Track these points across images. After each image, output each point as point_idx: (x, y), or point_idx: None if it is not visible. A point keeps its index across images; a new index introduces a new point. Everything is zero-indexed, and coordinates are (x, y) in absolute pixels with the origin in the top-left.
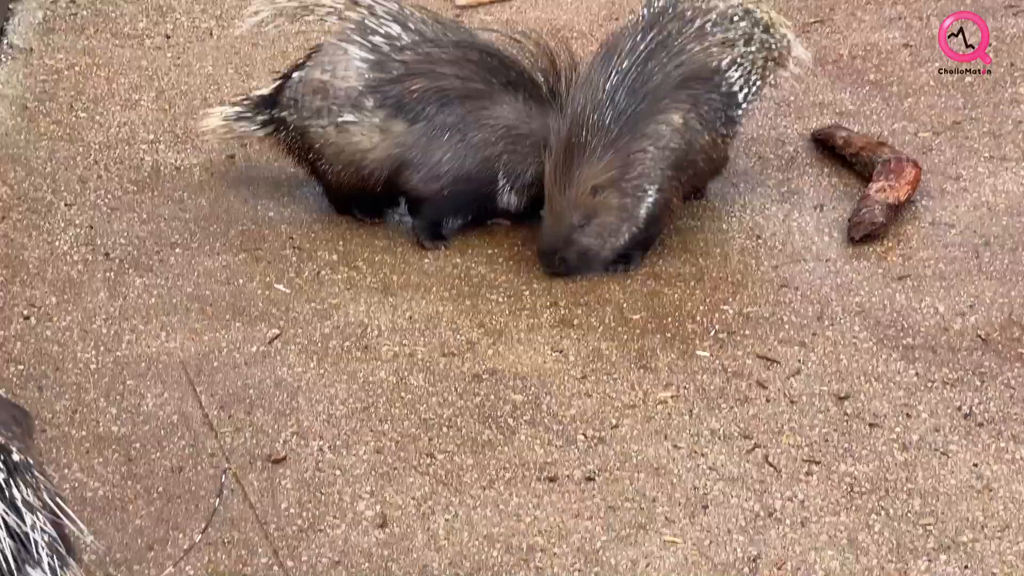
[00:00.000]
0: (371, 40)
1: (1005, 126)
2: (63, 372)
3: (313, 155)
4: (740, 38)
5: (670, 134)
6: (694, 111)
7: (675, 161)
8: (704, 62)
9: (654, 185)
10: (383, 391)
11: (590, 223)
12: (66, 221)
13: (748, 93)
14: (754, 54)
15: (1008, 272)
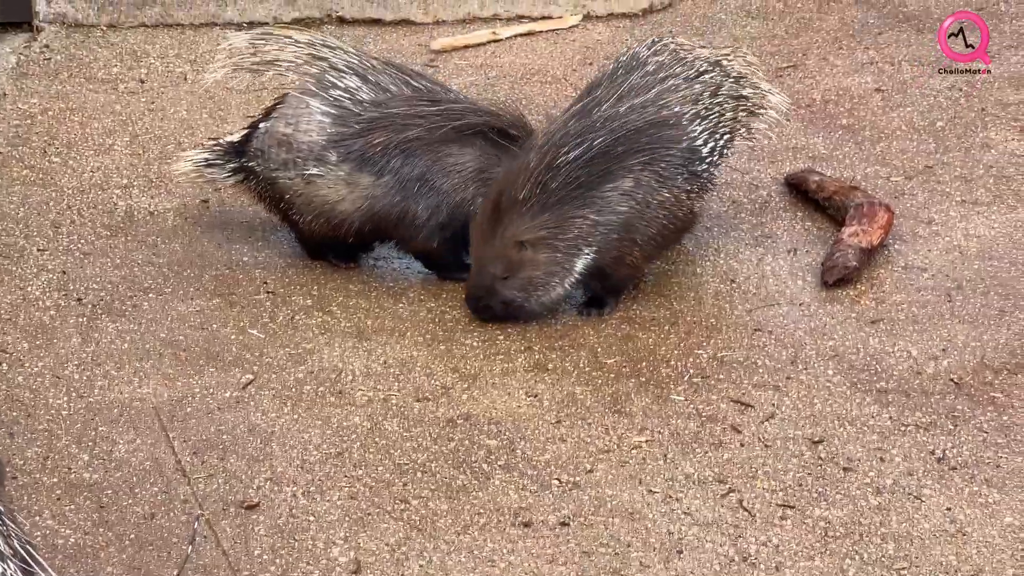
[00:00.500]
0: (331, 94)
1: (976, 170)
2: (34, 418)
3: (284, 204)
4: (706, 91)
5: (617, 199)
6: (648, 170)
7: (624, 224)
8: (662, 119)
9: (592, 247)
10: (357, 436)
11: (513, 276)
12: (38, 266)
13: (716, 147)
14: (721, 106)
15: (980, 316)
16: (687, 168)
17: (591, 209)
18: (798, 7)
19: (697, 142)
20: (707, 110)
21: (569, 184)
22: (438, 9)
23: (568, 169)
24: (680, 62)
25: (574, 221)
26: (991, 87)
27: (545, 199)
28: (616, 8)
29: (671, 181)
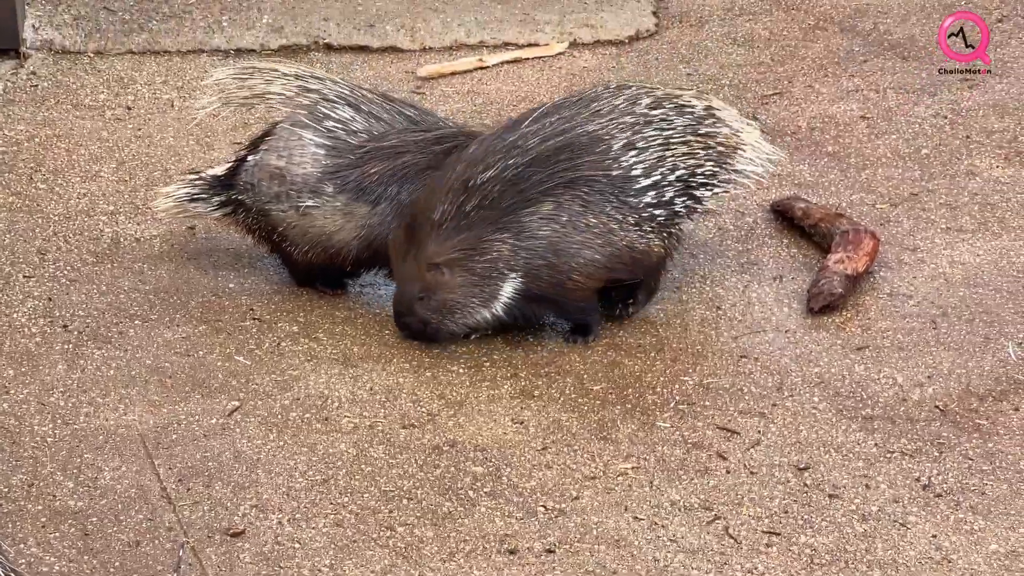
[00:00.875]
0: (325, 125)
1: (961, 197)
2: (20, 445)
3: (277, 236)
4: (646, 122)
5: (538, 223)
6: (570, 193)
7: (549, 248)
8: (581, 143)
9: (517, 271)
10: (343, 463)
11: (430, 297)
12: (24, 293)
13: (665, 183)
14: (669, 140)
15: (965, 343)
16: (617, 197)
17: (510, 233)
18: (783, 35)
19: (632, 172)
20: (646, 141)
21: (484, 206)
22: (425, 36)
23: (484, 190)
24: (629, 99)
25: (491, 244)
26: (976, 114)
27: (459, 221)
28: (602, 36)
29: (597, 207)
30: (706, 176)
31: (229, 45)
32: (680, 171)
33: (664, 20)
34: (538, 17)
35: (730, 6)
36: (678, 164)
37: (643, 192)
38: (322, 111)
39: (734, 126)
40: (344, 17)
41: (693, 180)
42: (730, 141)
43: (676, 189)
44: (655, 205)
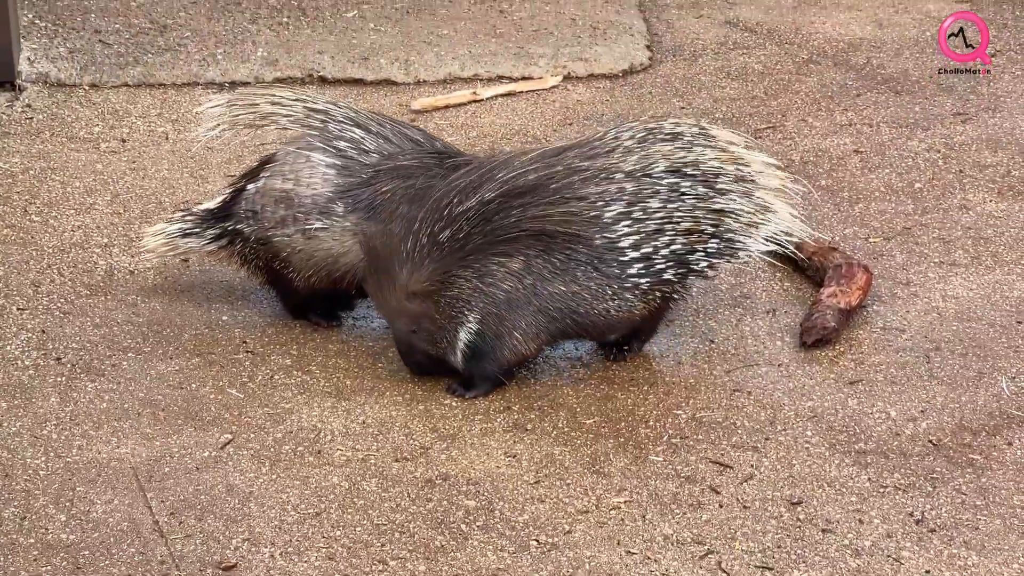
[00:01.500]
0: (335, 146)
1: (954, 232)
2: (12, 478)
3: (279, 263)
4: (650, 192)
5: (502, 275)
6: (543, 258)
7: (507, 303)
8: (576, 209)
9: (475, 315)
10: (336, 496)
11: (420, 330)
12: (18, 325)
13: (657, 256)
14: (674, 215)
15: (958, 377)
16: (596, 268)
17: (474, 272)
18: (777, 69)
19: (620, 243)
20: (646, 212)
21: (459, 239)
22: (419, 69)
23: (465, 224)
24: (643, 162)
25: (456, 279)
26: (969, 149)
27: (435, 251)
28: (596, 69)
29: (568, 275)
30: (708, 253)
31: (224, 78)
32: (677, 246)
33: (658, 54)
34: (532, 51)
35: (724, 40)
36: (677, 239)
37: (628, 264)
38: (333, 131)
39: (761, 201)
40: (338, 50)
41: (691, 256)
42: (751, 219)
43: (668, 262)
44: (640, 275)
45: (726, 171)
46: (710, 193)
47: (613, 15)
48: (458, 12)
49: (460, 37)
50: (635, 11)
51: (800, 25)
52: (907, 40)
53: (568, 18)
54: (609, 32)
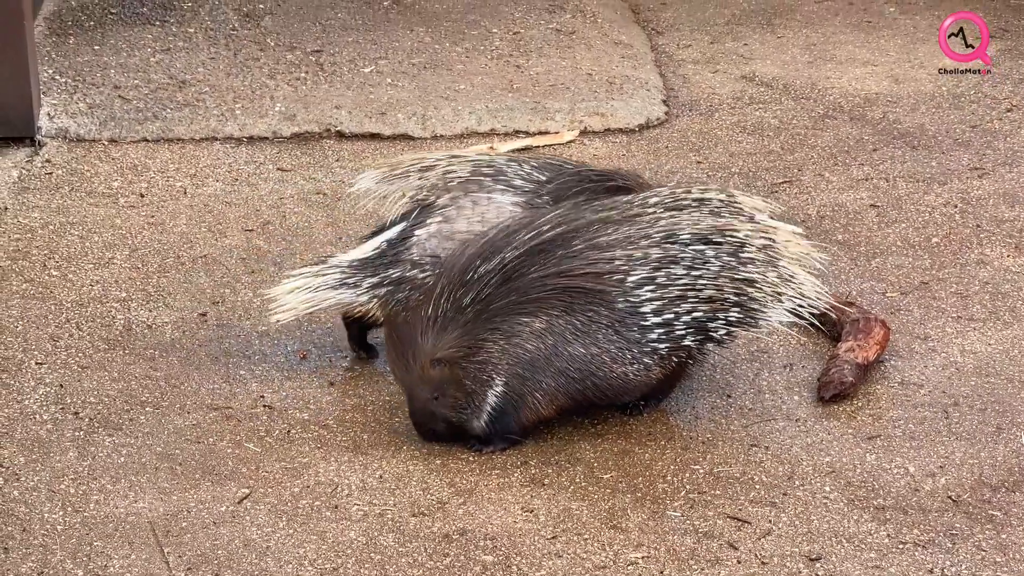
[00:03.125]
0: (515, 184)
1: (972, 286)
2: (30, 533)
3: None
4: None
5: (526, 335)
6: (565, 318)
7: (530, 363)
8: (601, 272)
9: (502, 377)
10: (353, 551)
11: (443, 396)
12: (36, 380)
13: (680, 323)
14: (697, 282)
15: (977, 433)
16: (617, 332)
17: (500, 334)
18: (793, 123)
19: (642, 308)
20: (669, 278)
21: (482, 300)
22: (436, 124)
23: (487, 285)
24: (668, 230)
25: (483, 343)
26: (986, 203)
27: (459, 316)
28: (612, 124)
29: (589, 338)
30: (728, 322)
31: (242, 133)
32: (698, 313)
33: (674, 108)
34: (549, 105)
35: (740, 95)
36: (699, 307)
37: (649, 329)
38: (508, 172)
39: (786, 272)
40: (356, 105)
41: (711, 323)
42: (775, 290)
43: (688, 328)
44: (660, 340)
45: (752, 240)
46: (734, 262)
47: (629, 70)
48: (475, 67)
49: (477, 92)
50: (651, 66)
51: (816, 80)
52: (923, 95)
53: (584, 73)
54: (625, 87)
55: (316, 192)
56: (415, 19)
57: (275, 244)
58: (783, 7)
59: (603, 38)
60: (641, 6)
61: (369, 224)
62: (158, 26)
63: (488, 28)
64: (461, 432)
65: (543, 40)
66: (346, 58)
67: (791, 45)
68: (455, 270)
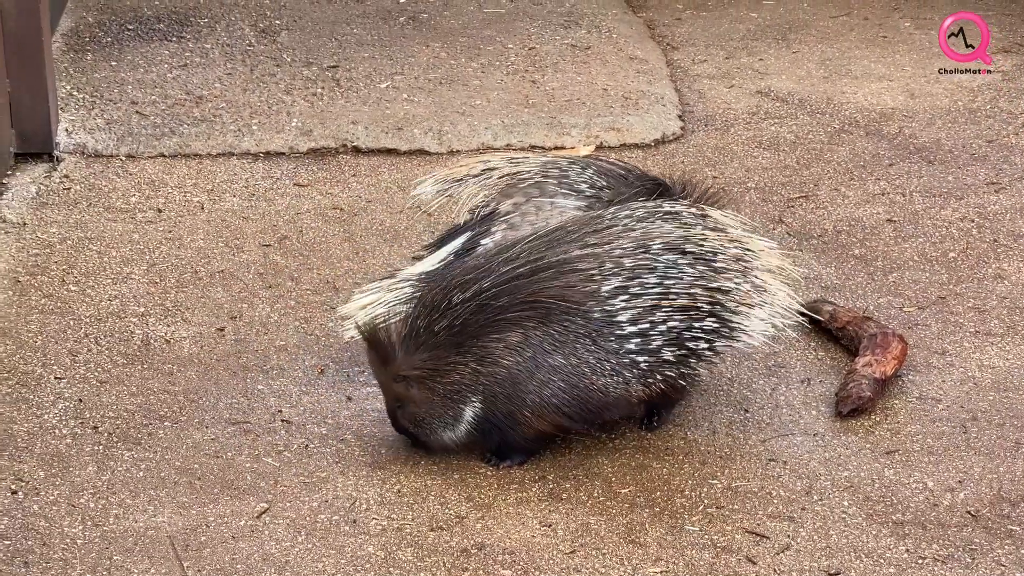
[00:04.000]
0: (577, 188)
1: (990, 301)
2: (50, 547)
3: None
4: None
5: (501, 351)
6: (541, 329)
7: (511, 379)
8: (573, 282)
9: (477, 396)
10: (371, 566)
11: (403, 408)
12: (55, 394)
13: (655, 335)
14: (670, 291)
15: (996, 447)
16: (594, 341)
17: (472, 357)
18: (809, 138)
19: (617, 317)
20: (643, 287)
21: (455, 326)
22: (452, 140)
23: (455, 312)
24: (640, 241)
25: (453, 365)
26: (1003, 218)
27: (428, 339)
28: (628, 139)
29: (568, 348)
30: (705, 331)
31: (259, 148)
32: (673, 323)
33: (690, 123)
34: (564, 120)
35: (755, 110)
36: (673, 316)
37: (626, 339)
38: (571, 175)
39: (759, 280)
40: (372, 120)
41: (688, 333)
42: (746, 299)
43: (666, 339)
44: (638, 352)
45: (724, 250)
46: (707, 271)
47: (645, 85)
48: (491, 83)
49: (493, 107)
50: (666, 81)
51: (831, 95)
52: (939, 110)
53: (600, 88)
54: (641, 102)
55: (333, 207)
56: (431, 35)
57: (292, 259)
58: (798, 22)
59: (618, 53)
60: (656, 21)
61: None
62: (175, 42)
63: (504, 44)
64: (418, 443)
65: (559, 55)
66: (362, 73)
67: (806, 60)
68: (436, 293)
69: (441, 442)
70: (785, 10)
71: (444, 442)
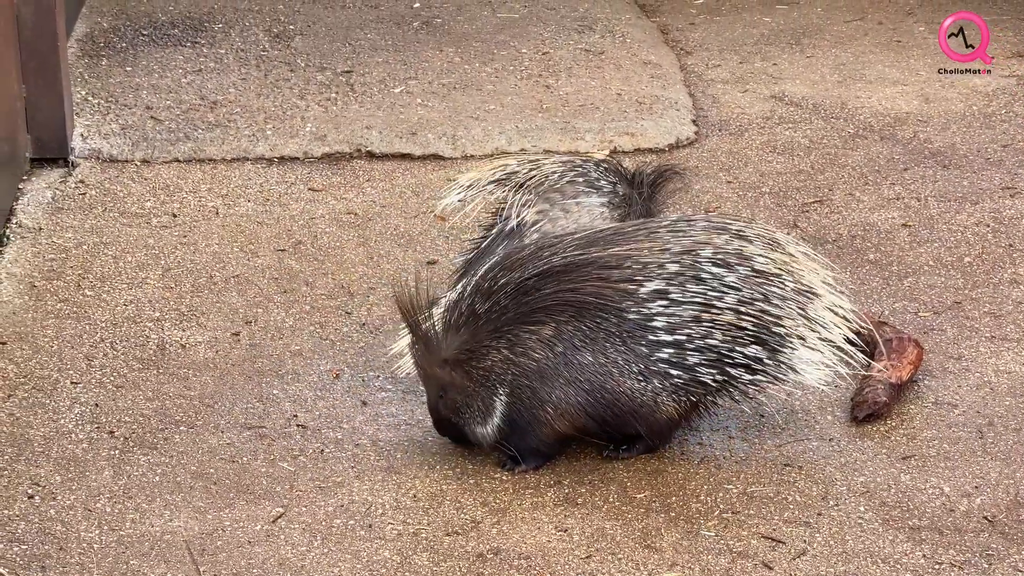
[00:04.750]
0: (598, 185)
1: (1005, 306)
2: (67, 552)
3: None
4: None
5: (533, 343)
6: (573, 323)
7: (539, 373)
8: (612, 281)
9: (505, 387)
10: (387, 571)
11: (446, 396)
12: (72, 399)
13: (691, 348)
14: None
15: (1012, 453)
16: (625, 342)
17: (505, 342)
18: (823, 143)
19: (653, 322)
20: (684, 294)
21: (495, 310)
22: (466, 144)
23: (497, 295)
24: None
25: (487, 350)
26: (1018, 223)
27: (471, 322)
28: (643, 144)
29: (598, 346)
30: (748, 357)
31: (273, 153)
32: (714, 340)
33: (704, 128)
34: (578, 125)
35: (769, 115)
36: (714, 331)
37: (658, 346)
38: (591, 173)
39: (817, 317)
40: (386, 125)
41: (729, 357)
42: (793, 330)
43: (704, 357)
44: (671, 364)
45: (784, 279)
46: (759, 292)
47: (659, 90)
48: (504, 88)
49: (507, 112)
50: (680, 86)
51: (846, 100)
52: (954, 114)
53: (614, 93)
54: (655, 107)
55: (347, 212)
56: (444, 40)
57: (307, 264)
58: (812, 27)
59: (632, 58)
60: (670, 26)
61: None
62: (189, 47)
63: (517, 48)
64: (459, 437)
65: (572, 60)
66: (376, 78)
67: (820, 64)
68: (480, 278)
69: (476, 437)
70: (799, 15)
71: (478, 437)
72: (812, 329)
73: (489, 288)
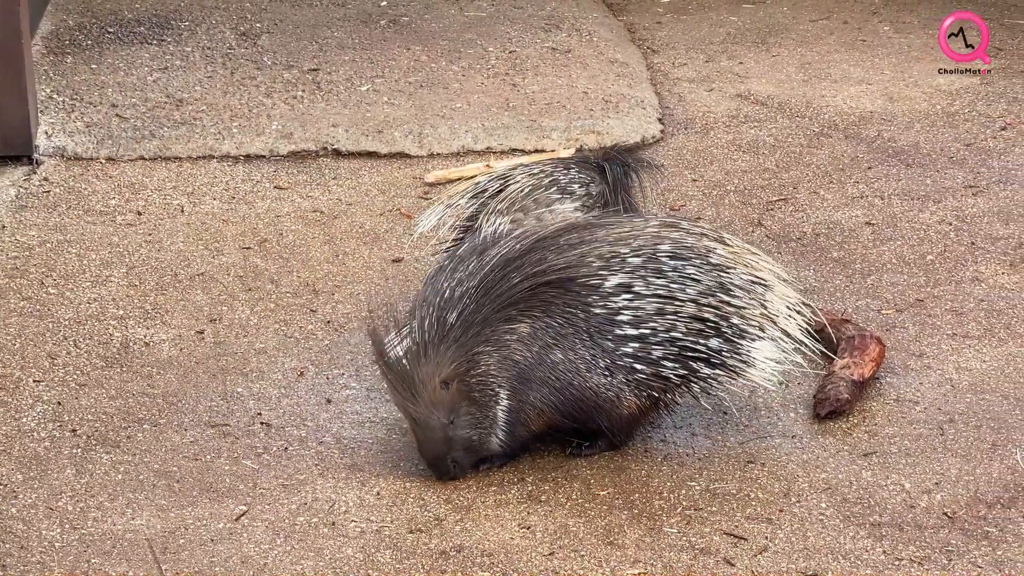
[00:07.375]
0: (569, 190)
1: (967, 304)
2: (27, 550)
3: None
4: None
5: (514, 343)
6: (544, 320)
7: (521, 373)
8: (578, 276)
9: (504, 389)
10: (350, 568)
11: (459, 415)
12: (34, 397)
13: (656, 345)
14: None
15: (972, 449)
16: (592, 337)
17: (491, 345)
18: (788, 142)
19: (619, 316)
20: (648, 287)
21: (467, 313)
22: (432, 143)
23: (468, 298)
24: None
25: (479, 356)
26: (981, 221)
27: (449, 335)
28: (608, 142)
29: (567, 343)
30: (709, 349)
31: (239, 151)
32: (677, 333)
33: (669, 127)
34: (545, 124)
35: (735, 113)
36: (677, 324)
37: (624, 341)
38: (561, 180)
39: (773, 308)
40: (352, 123)
41: (692, 350)
42: (759, 322)
43: (667, 351)
44: (636, 359)
45: (739, 270)
46: (718, 284)
47: (625, 88)
48: (471, 86)
49: (473, 110)
50: (646, 84)
51: (811, 99)
52: (917, 113)
53: (580, 92)
54: (621, 105)
55: (313, 210)
56: (411, 38)
57: (272, 262)
58: (778, 26)
59: (599, 57)
60: (636, 25)
61: None
62: (155, 45)
63: (484, 47)
64: (478, 455)
65: (539, 59)
66: (343, 76)
67: (786, 64)
68: (435, 293)
69: (491, 446)
70: (765, 14)
71: (494, 446)
72: (772, 320)
73: (451, 296)
